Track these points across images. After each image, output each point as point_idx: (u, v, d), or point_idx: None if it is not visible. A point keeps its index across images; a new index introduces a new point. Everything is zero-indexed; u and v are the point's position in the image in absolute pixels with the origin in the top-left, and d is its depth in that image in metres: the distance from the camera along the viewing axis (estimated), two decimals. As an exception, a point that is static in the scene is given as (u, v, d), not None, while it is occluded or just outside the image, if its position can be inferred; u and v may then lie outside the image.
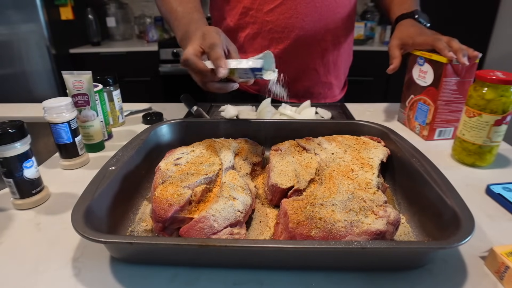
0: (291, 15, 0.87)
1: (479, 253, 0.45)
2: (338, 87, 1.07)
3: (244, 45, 0.95)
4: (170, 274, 0.42)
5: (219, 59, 0.56)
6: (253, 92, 1.01)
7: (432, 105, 0.77)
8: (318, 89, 1.01)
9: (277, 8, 0.87)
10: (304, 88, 1.00)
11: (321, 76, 0.99)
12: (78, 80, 0.68)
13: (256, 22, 0.90)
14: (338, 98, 1.08)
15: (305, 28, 0.89)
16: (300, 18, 0.88)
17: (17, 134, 0.51)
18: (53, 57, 2.22)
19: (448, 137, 0.80)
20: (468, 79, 0.73)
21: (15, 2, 2.06)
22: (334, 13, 0.90)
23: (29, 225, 0.51)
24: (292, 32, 0.89)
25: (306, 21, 0.88)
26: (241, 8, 0.90)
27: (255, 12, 0.89)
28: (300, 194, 0.50)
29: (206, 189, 0.49)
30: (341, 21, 0.93)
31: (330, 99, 1.05)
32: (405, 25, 0.84)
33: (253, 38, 0.93)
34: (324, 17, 0.89)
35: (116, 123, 0.88)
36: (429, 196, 0.48)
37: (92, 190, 0.45)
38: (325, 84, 1.01)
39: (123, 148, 0.58)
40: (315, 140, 0.63)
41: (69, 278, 0.42)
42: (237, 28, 0.94)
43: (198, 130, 0.69)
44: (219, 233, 0.43)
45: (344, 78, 1.09)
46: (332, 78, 1.02)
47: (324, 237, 0.40)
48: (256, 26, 0.91)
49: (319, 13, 0.88)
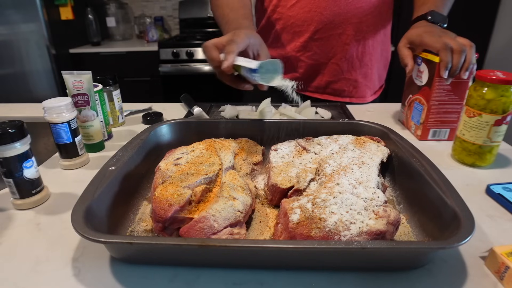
0: (310, 9, 0.91)
1: (479, 253, 0.45)
2: (369, 87, 1.04)
3: (274, 41, 1.00)
4: (170, 274, 0.42)
5: (228, 53, 0.59)
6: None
7: (425, 104, 0.77)
8: (342, 85, 1.01)
9: (298, 3, 0.92)
10: (325, 83, 1.01)
11: (344, 71, 0.99)
12: (78, 80, 0.68)
13: (282, 18, 0.96)
14: (369, 100, 1.05)
15: (323, 21, 0.91)
16: (318, 11, 0.90)
17: (17, 134, 0.50)
18: (53, 57, 2.22)
19: (443, 138, 0.79)
20: (465, 80, 0.72)
21: (15, 2, 2.06)
22: (355, 7, 0.90)
23: (29, 225, 0.51)
24: (310, 25, 0.92)
25: (325, 15, 0.90)
26: (271, 6, 0.97)
27: (281, 8, 0.95)
28: (300, 194, 0.50)
29: (206, 189, 0.49)
30: (365, 16, 0.92)
31: (357, 99, 1.03)
32: (416, 26, 0.81)
33: (280, 34, 0.98)
34: (344, 11, 0.90)
35: (116, 123, 0.88)
36: (429, 196, 0.48)
37: (92, 190, 0.45)
38: (349, 81, 1.01)
39: (123, 148, 0.58)
40: (315, 140, 0.63)
41: (69, 278, 0.42)
42: (268, 25, 0.99)
43: (198, 130, 0.69)
44: (219, 233, 0.43)
45: (377, 79, 1.06)
46: (359, 76, 1.00)
47: (324, 237, 0.40)
48: (282, 22, 0.96)
49: (338, 6, 0.89)
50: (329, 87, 1.02)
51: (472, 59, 0.69)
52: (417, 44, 0.77)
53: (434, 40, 0.71)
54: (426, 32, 0.75)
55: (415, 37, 0.77)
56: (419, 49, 0.78)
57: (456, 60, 0.68)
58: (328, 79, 1.00)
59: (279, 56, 1.01)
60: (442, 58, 0.69)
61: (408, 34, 0.80)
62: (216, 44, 0.63)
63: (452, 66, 0.69)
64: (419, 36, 0.76)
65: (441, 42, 0.70)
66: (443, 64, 0.69)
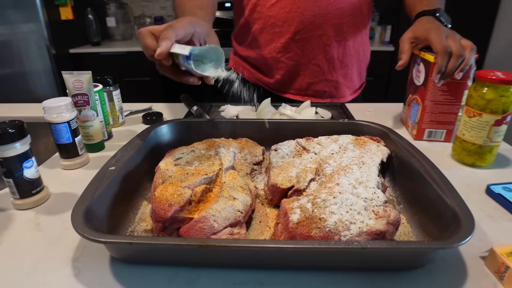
0: (291, 9, 0.90)
1: (479, 253, 0.45)
2: (349, 87, 1.05)
3: (252, 41, 0.99)
4: (170, 274, 0.42)
5: (163, 39, 0.53)
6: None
7: (421, 104, 0.77)
8: (323, 86, 1.01)
9: (278, 3, 0.90)
10: (306, 85, 1.00)
11: (325, 72, 0.99)
12: (78, 80, 0.68)
13: (261, 17, 0.94)
14: (349, 99, 1.06)
15: (304, 22, 0.90)
16: (299, 12, 0.89)
17: (17, 134, 0.50)
18: (53, 57, 2.22)
19: (440, 139, 0.79)
20: (462, 81, 0.71)
21: (15, 2, 2.07)
22: (336, 8, 0.90)
23: (29, 225, 0.51)
24: (291, 26, 0.91)
25: (305, 15, 0.89)
26: (250, 5, 0.95)
27: (260, 7, 0.93)
28: (300, 194, 0.50)
29: (206, 189, 0.49)
30: (346, 17, 0.92)
31: (338, 99, 1.04)
32: (423, 21, 0.78)
33: (259, 34, 0.96)
34: (325, 12, 0.89)
35: (116, 123, 0.88)
36: (429, 196, 0.48)
37: (92, 190, 0.45)
38: (331, 82, 1.01)
39: (123, 148, 0.57)
40: (315, 140, 0.63)
41: (69, 278, 0.42)
42: (248, 24, 0.98)
43: (198, 130, 0.69)
44: (219, 233, 0.43)
45: (357, 79, 1.07)
46: (339, 76, 1.01)
47: (324, 237, 0.40)
48: (262, 22, 0.94)
49: (318, 7, 0.89)
50: (310, 89, 1.01)
51: (470, 60, 0.69)
52: (422, 40, 0.75)
53: (438, 39, 0.70)
54: (433, 29, 0.73)
55: (422, 32, 0.75)
56: (422, 45, 0.76)
57: (451, 64, 0.68)
58: (309, 80, 1.00)
59: (259, 57, 1.00)
60: (437, 61, 0.69)
61: (414, 28, 0.78)
62: (152, 31, 0.57)
63: (445, 70, 0.69)
64: (426, 31, 0.74)
65: (442, 44, 0.68)
66: (437, 67, 0.69)
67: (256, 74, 1.05)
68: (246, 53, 1.04)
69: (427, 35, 0.73)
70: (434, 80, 0.70)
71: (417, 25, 0.78)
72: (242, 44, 1.05)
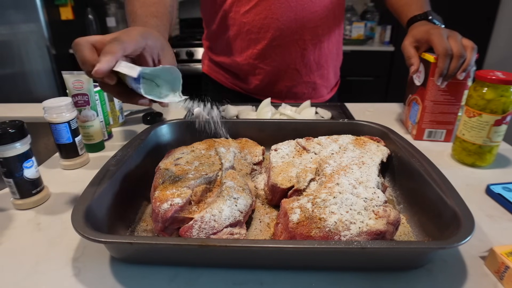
0: (266, 16, 0.88)
1: (479, 253, 0.45)
2: (325, 87, 1.06)
3: (226, 48, 0.97)
4: (170, 274, 0.42)
5: (105, 54, 0.43)
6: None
7: (420, 104, 0.77)
8: (302, 89, 1.01)
9: (253, 9, 0.89)
10: (286, 88, 1.00)
11: (303, 75, 0.99)
12: (78, 80, 0.68)
13: (235, 24, 0.92)
14: (327, 98, 1.08)
15: (281, 28, 0.90)
16: (275, 18, 0.88)
17: (17, 134, 0.51)
18: (53, 57, 2.22)
19: (439, 139, 0.79)
20: (462, 81, 0.71)
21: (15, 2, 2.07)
22: (310, 12, 0.89)
23: (29, 225, 0.51)
24: (268, 33, 0.90)
25: (282, 21, 0.89)
26: (222, 11, 0.92)
27: (233, 14, 0.91)
28: (300, 194, 0.50)
29: (206, 189, 0.49)
30: (320, 20, 0.92)
31: (316, 99, 1.05)
32: (420, 25, 0.78)
33: (234, 40, 0.94)
34: (300, 17, 0.89)
35: (116, 123, 0.88)
36: (429, 196, 0.48)
37: (92, 190, 0.45)
38: (309, 84, 1.01)
39: (123, 148, 0.58)
40: (315, 140, 0.63)
41: (69, 278, 0.42)
42: (220, 31, 0.96)
43: (198, 130, 0.69)
44: (219, 233, 0.43)
45: (333, 78, 1.08)
46: (316, 78, 1.01)
47: (324, 237, 0.40)
48: (235, 28, 0.92)
49: (294, 12, 0.88)
50: (289, 92, 1.01)
51: (471, 60, 0.68)
52: (423, 42, 0.75)
53: (440, 41, 0.69)
54: (433, 28, 0.73)
55: (422, 35, 0.74)
56: (425, 47, 0.76)
57: (453, 66, 0.68)
58: (288, 84, 1.00)
59: (234, 64, 0.98)
60: (439, 64, 0.69)
61: (413, 32, 0.78)
62: (93, 42, 0.46)
63: (447, 72, 0.69)
64: (427, 33, 0.73)
65: (444, 46, 0.68)
66: (439, 70, 0.69)
67: (232, 80, 1.03)
68: (220, 59, 1.02)
69: (428, 37, 0.73)
70: (437, 82, 0.70)
71: (414, 30, 0.79)
72: (215, 49, 1.03)
